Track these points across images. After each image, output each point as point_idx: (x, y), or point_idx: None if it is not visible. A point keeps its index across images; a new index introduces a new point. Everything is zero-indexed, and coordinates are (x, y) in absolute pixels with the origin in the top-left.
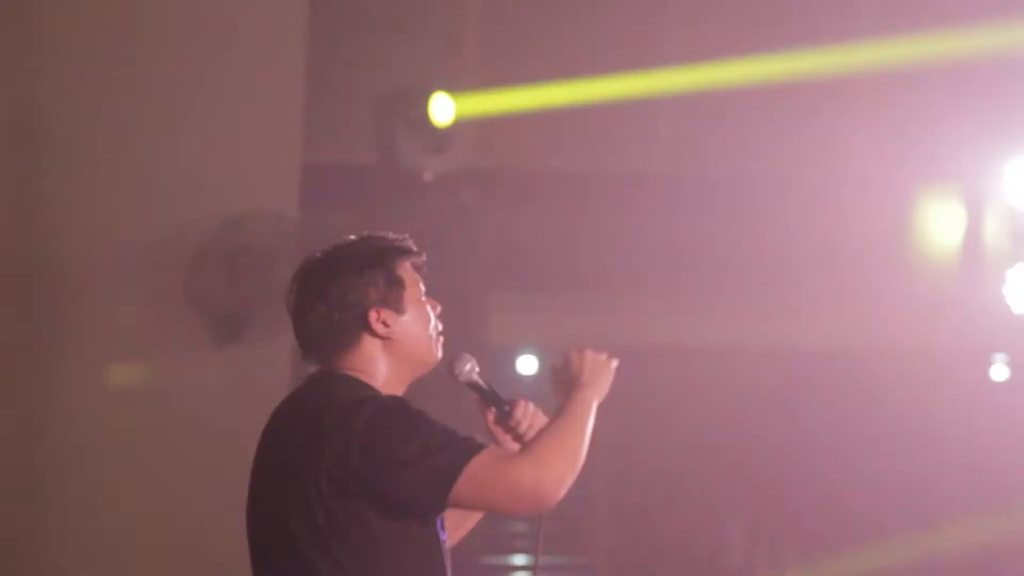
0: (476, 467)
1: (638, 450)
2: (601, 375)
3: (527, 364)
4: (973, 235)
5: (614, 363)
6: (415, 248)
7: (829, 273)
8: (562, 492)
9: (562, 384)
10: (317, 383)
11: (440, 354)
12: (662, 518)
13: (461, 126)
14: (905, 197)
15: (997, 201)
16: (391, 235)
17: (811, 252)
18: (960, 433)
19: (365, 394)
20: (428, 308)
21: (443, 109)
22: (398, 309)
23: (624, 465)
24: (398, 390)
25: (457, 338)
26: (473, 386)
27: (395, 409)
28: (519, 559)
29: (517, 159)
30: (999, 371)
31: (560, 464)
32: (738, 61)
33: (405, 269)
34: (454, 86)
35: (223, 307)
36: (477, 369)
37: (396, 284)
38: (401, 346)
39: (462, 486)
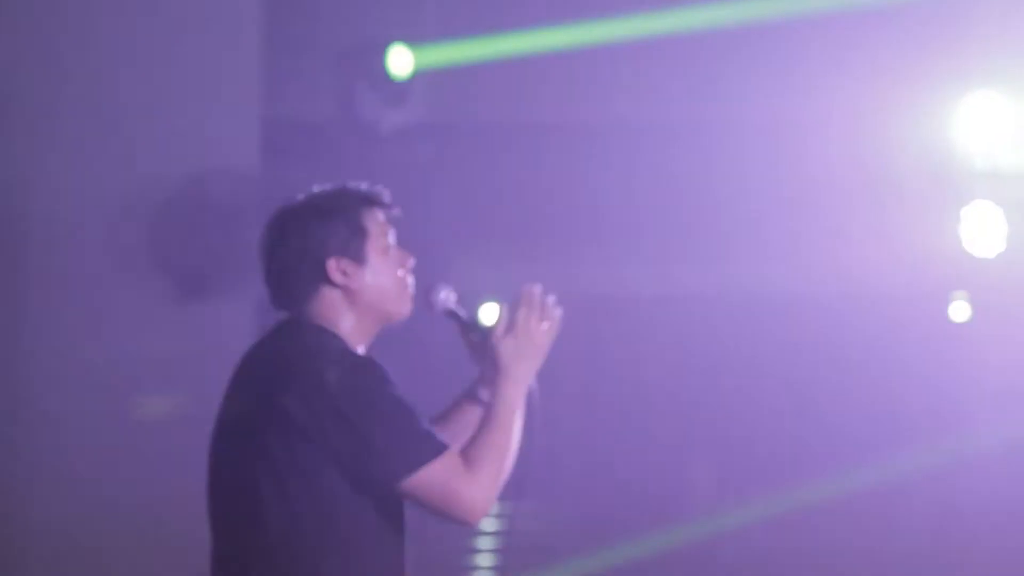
0: (427, 473)
1: (603, 395)
2: (537, 356)
3: (490, 312)
4: (928, 174)
5: (554, 324)
6: (387, 200)
7: (786, 216)
8: (489, 510)
9: (492, 352)
10: (284, 329)
11: (409, 308)
12: (628, 463)
13: (420, 78)
14: (860, 137)
15: (950, 139)
16: (364, 185)
17: (768, 195)
18: (919, 372)
19: (334, 344)
20: (396, 260)
21: (402, 61)
22: (358, 259)
23: (589, 410)
24: (362, 341)
25: (419, 289)
26: (451, 314)
27: (368, 376)
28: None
29: (477, 110)
30: (958, 311)
31: (494, 488)
32: (696, 6)
33: (373, 219)
34: (413, 38)
35: (186, 264)
36: (454, 297)
37: (358, 233)
38: (362, 297)
39: (410, 484)
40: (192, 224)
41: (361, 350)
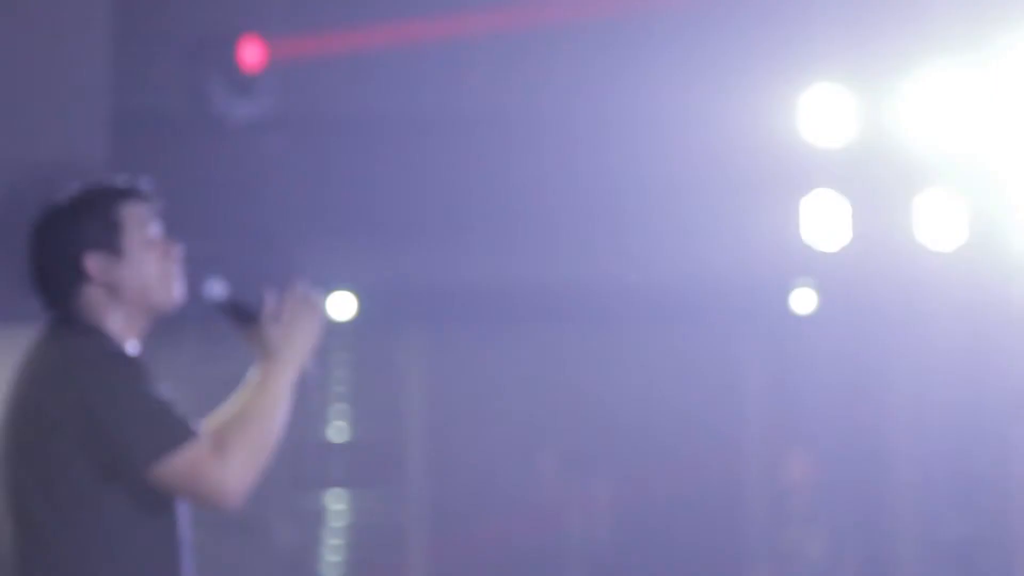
0: (174, 459)
1: (452, 384)
2: (305, 342)
3: (339, 303)
4: (772, 167)
5: (318, 316)
6: (143, 191)
7: (631, 208)
8: (244, 495)
9: (262, 337)
10: (50, 331)
11: (177, 296)
12: (476, 453)
13: (272, 70)
14: (700, 128)
15: (789, 132)
16: (119, 179)
17: (610, 187)
18: (760, 363)
19: (93, 343)
20: (160, 251)
21: (253, 54)
22: (115, 252)
23: (439, 399)
24: (132, 335)
25: (268, 281)
26: (220, 306)
27: (119, 371)
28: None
29: (328, 103)
30: (801, 302)
31: (248, 471)
32: (543, 3)
33: (129, 212)
34: (264, 30)
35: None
36: (221, 288)
37: (113, 227)
38: (124, 290)
39: (159, 471)
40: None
41: (132, 345)
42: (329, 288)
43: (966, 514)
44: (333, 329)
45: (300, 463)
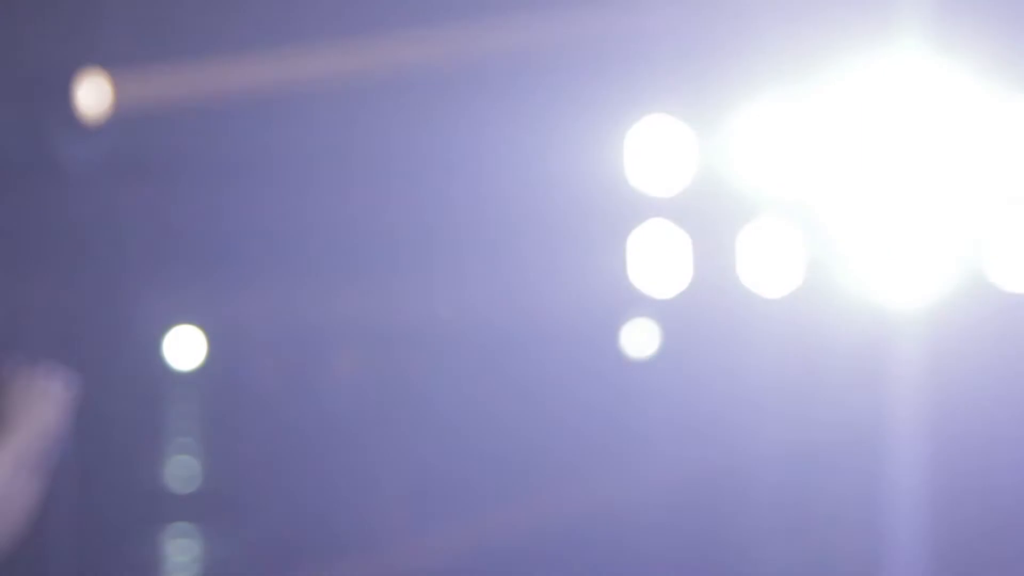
0: None
1: (294, 422)
2: (29, 425)
3: (186, 344)
4: (595, 204)
5: (56, 405)
6: None
7: (462, 248)
8: None
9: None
10: None
11: None
12: (317, 488)
13: (114, 110)
14: (518, 170)
15: (614, 173)
16: None
17: (437, 229)
18: (597, 408)
19: None
20: None
21: (94, 93)
22: None
23: (279, 436)
24: None
25: (109, 327)
26: None
27: None
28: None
29: (172, 143)
30: (638, 345)
31: None
32: (377, 47)
33: None
34: (107, 67)
35: None
36: None
37: None
38: None
39: None
40: None
41: None
42: (173, 328)
43: (801, 543)
44: (179, 374)
45: (143, 509)
